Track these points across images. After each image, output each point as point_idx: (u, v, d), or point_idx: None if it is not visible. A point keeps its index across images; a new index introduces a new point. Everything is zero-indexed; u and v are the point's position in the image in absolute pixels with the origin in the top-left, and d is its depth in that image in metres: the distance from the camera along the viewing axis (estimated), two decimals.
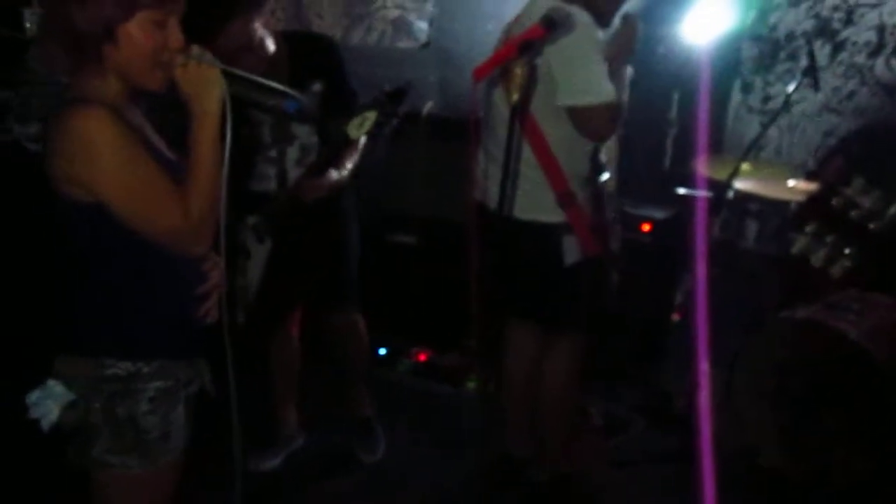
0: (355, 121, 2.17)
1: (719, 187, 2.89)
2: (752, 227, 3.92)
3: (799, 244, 1.68)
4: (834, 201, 1.64)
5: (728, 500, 2.45)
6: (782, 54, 3.98)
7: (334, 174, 2.48)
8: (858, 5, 3.61)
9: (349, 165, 2.54)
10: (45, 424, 1.51)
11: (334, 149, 2.41)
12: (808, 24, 3.82)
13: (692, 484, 2.73)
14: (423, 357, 3.67)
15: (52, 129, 1.41)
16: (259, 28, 2.31)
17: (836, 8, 3.72)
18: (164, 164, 1.51)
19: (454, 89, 3.48)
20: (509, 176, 1.85)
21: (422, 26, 3.96)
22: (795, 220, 1.80)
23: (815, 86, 2.12)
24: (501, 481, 2.60)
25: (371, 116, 2.16)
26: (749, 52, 4.06)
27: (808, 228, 1.69)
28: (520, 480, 2.64)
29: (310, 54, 2.51)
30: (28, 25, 2.96)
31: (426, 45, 3.97)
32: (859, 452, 2.53)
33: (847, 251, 1.58)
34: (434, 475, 2.82)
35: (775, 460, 2.72)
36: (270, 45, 2.38)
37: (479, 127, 2.34)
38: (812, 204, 1.85)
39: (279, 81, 2.36)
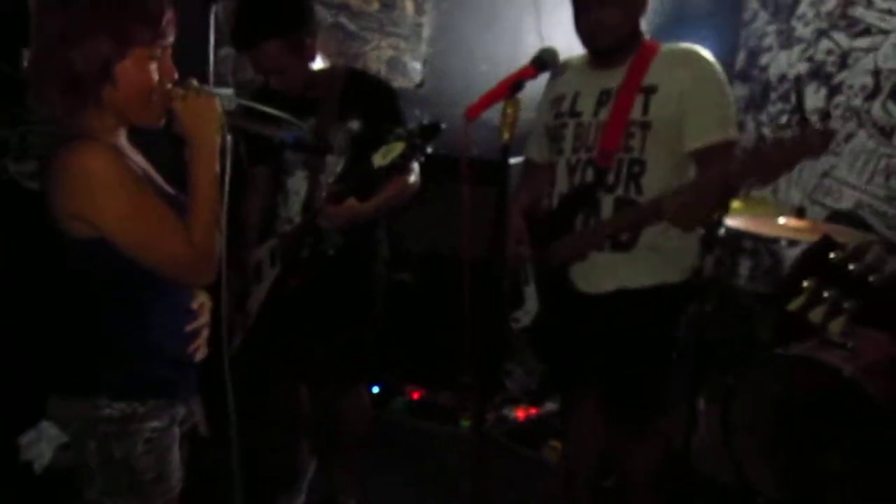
0: (382, 149, 2.10)
1: (710, 225, 2.89)
2: (745, 265, 3.94)
3: (796, 302, 1.66)
4: (832, 255, 1.63)
5: None
6: (773, 95, 4.04)
7: (356, 205, 2.32)
8: (853, 49, 3.67)
9: (376, 202, 2.37)
10: (38, 467, 1.50)
11: (358, 177, 2.27)
12: (802, 67, 3.88)
13: None
14: (416, 395, 3.66)
15: (52, 166, 1.41)
16: (288, 55, 2.30)
17: (829, 52, 3.78)
18: (165, 198, 1.52)
19: (448, 129, 3.52)
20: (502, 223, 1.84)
21: (416, 66, 4.01)
22: (792, 277, 1.78)
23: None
24: None
25: (398, 147, 2.08)
26: (740, 91, 4.12)
27: (806, 284, 1.67)
28: None
29: (364, 95, 2.48)
30: (26, 64, 2.99)
31: (420, 84, 4.02)
32: (855, 489, 2.51)
33: (846, 305, 1.56)
34: None
35: (773, 496, 2.70)
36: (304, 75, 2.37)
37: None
38: (809, 259, 1.81)
39: (325, 111, 2.39)
